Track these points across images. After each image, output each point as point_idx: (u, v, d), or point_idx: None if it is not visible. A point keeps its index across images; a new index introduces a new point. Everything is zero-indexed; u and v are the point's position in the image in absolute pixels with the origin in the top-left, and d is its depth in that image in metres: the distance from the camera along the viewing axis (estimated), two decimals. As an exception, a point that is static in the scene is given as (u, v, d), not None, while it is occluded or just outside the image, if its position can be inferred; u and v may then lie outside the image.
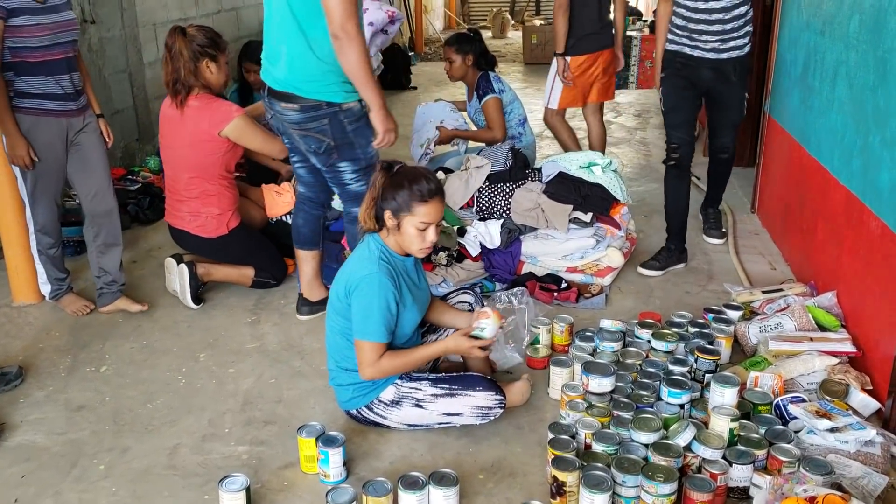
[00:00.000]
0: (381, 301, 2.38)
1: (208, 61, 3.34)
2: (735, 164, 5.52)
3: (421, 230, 2.41)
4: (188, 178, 3.42)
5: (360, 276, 2.40)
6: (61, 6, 3.16)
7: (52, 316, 3.49)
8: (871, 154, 2.85)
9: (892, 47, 2.69)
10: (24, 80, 3.10)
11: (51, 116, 3.18)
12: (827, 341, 2.83)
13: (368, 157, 3.04)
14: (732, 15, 3.64)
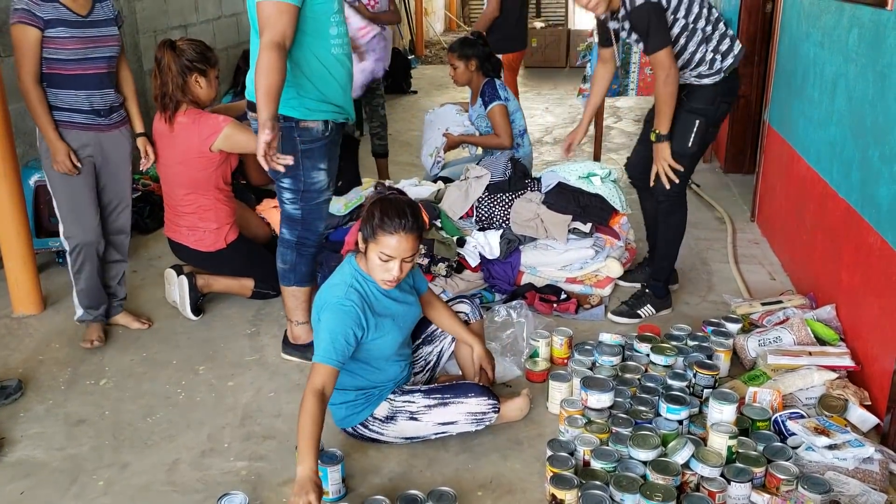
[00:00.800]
0: (340, 328, 2.34)
1: (197, 76, 3.33)
2: (734, 171, 5.62)
3: (383, 261, 2.35)
4: (183, 193, 3.42)
5: (326, 301, 2.40)
6: (104, 21, 3.11)
7: (52, 327, 3.50)
8: (869, 168, 2.85)
9: (891, 62, 2.69)
10: (55, 92, 3.06)
11: (78, 129, 3.13)
12: (826, 355, 2.83)
13: (310, 183, 2.92)
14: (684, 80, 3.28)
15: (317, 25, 2.72)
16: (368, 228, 2.35)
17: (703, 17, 3.20)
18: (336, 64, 2.82)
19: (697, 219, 4.60)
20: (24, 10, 2.93)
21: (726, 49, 3.24)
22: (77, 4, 3.03)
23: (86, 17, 3.04)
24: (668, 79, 3.12)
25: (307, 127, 2.83)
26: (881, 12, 2.77)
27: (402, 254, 2.34)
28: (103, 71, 3.13)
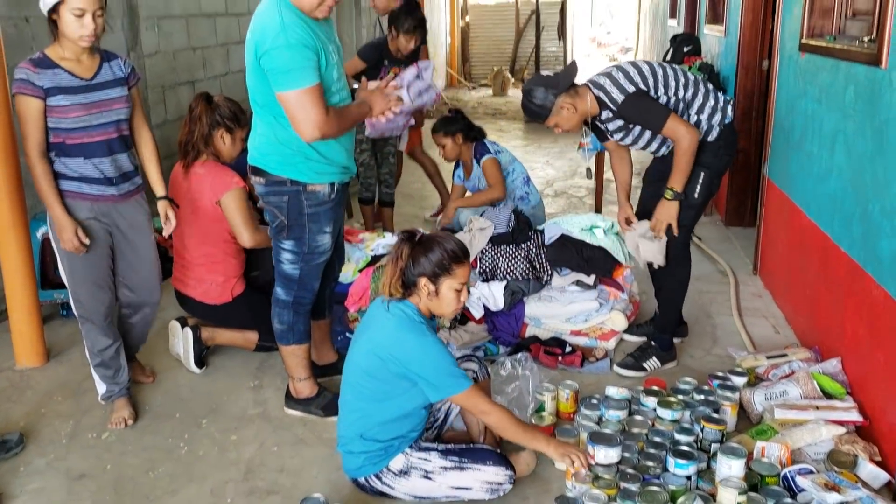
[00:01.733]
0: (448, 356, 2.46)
1: (224, 132, 3.39)
2: (735, 223, 5.65)
3: (458, 290, 2.48)
4: (193, 244, 3.44)
5: (421, 341, 2.43)
6: (112, 83, 2.92)
7: (54, 380, 3.48)
8: (871, 222, 2.88)
9: (888, 118, 2.74)
10: (63, 161, 2.87)
11: (88, 200, 2.92)
12: (833, 410, 2.82)
13: (314, 247, 2.94)
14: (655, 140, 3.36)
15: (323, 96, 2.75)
16: (437, 267, 2.46)
17: (680, 87, 3.27)
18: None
19: (700, 271, 4.60)
20: (24, 80, 2.77)
21: (712, 107, 3.29)
22: (81, 67, 2.85)
23: (90, 80, 2.85)
24: (691, 139, 3.17)
25: (314, 190, 2.86)
26: (876, 70, 2.83)
27: (468, 278, 2.53)
28: (112, 136, 2.92)
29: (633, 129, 3.33)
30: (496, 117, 11.69)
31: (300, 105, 2.63)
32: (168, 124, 5.53)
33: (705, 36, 7.02)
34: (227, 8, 6.39)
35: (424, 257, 2.46)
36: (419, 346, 2.43)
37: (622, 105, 3.21)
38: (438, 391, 2.44)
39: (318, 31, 2.72)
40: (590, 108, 3.28)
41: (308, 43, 2.61)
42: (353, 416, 2.55)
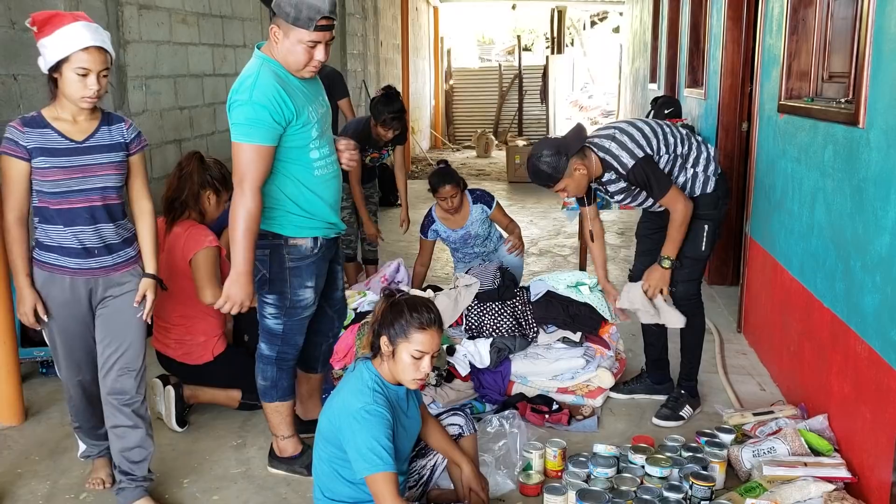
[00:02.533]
0: (380, 432, 2.31)
1: (211, 193, 3.44)
2: (718, 282, 5.69)
3: (416, 358, 2.36)
4: (171, 304, 3.40)
5: (357, 408, 2.34)
6: (104, 147, 2.64)
7: (32, 439, 3.41)
8: (853, 278, 2.91)
9: (866, 177, 2.80)
10: (44, 228, 2.65)
11: (66, 275, 2.65)
12: (821, 466, 2.80)
13: (296, 301, 2.91)
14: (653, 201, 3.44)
15: (296, 154, 2.77)
16: (397, 328, 2.36)
17: (678, 143, 3.39)
18: (321, 185, 2.86)
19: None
20: (9, 139, 2.58)
21: (706, 158, 3.42)
22: (75, 129, 2.62)
23: (81, 142, 2.61)
24: (686, 212, 3.30)
25: (296, 244, 2.85)
26: (854, 129, 2.90)
27: (433, 348, 2.39)
28: (96, 204, 2.64)
29: (634, 191, 3.39)
30: (480, 178, 11.84)
31: (241, 157, 2.64)
32: (153, 182, 5.52)
33: (685, 98, 7.19)
34: (214, 69, 6.48)
35: (391, 316, 2.40)
36: (355, 412, 2.33)
37: (632, 170, 3.27)
38: (358, 466, 2.30)
39: (299, 90, 2.75)
40: (595, 170, 3.32)
41: (272, 106, 2.63)
42: (320, 478, 2.50)
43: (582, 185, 3.36)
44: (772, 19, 4.17)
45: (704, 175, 3.39)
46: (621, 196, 3.45)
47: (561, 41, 16.24)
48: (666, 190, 3.28)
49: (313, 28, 2.61)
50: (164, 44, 5.63)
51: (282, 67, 2.71)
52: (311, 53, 2.67)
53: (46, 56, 2.52)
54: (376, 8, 11.44)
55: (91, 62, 2.52)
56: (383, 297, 2.48)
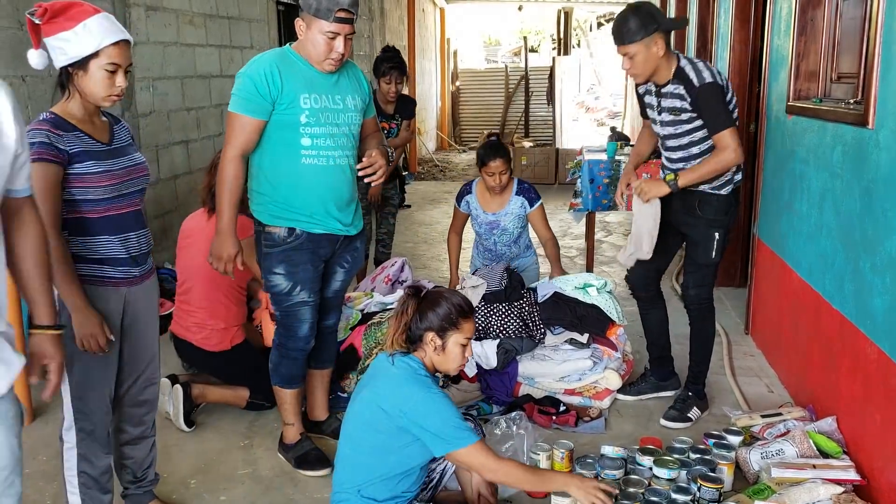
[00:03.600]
0: (455, 410, 2.41)
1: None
2: (726, 284, 5.66)
3: (463, 346, 2.48)
4: (201, 287, 3.46)
5: (423, 396, 2.39)
6: (129, 148, 2.49)
7: (40, 439, 3.42)
8: (862, 279, 2.90)
9: (875, 178, 2.79)
10: (82, 241, 2.37)
11: (109, 286, 2.42)
12: (830, 468, 2.79)
13: (270, 286, 3.03)
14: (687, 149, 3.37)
15: (285, 135, 2.88)
16: (445, 321, 2.46)
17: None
18: (309, 173, 2.91)
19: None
20: (45, 143, 2.28)
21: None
22: (97, 130, 2.42)
23: (110, 144, 2.42)
24: (735, 159, 3.18)
25: (271, 232, 2.98)
26: (863, 130, 2.89)
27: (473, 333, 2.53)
28: (138, 208, 2.48)
29: (681, 116, 3.27)
30: (487, 179, 11.82)
31: (228, 124, 2.90)
32: (161, 183, 5.56)
33: (692, 100, 7.15)
34: (221, 70, 6.49)
35: (432, 312, 2.47)
36: (425, 399, 2.40)
37: (703, 87, 3.17)
38: (445, 444, 2.37)
39: (305, 77, 2.88)
40: (667, 70, 3.25)
41: (260, 80, 2.80)
42: (351, 470, 2.49)
43: (648, 65, 3.23)
44: (780, 20, 4.16)
45: (730, 176, 3.37)
46: (667, 115, 3.31)
47: (568, 42, 16.22)
48: (727, 125, 3.16)
49: (332, 19, 2.77)
50: (172, 45, 5.65)
51: (295, 54, 2.90)
52: (330, 45, 2.81)
53: (68, 50, 2.28)
54: (382, 9, 11.45)
55: (121, 57, 2.34)
56: (410, 294, 2.51)
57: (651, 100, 3.43)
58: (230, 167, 2.86)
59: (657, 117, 3.40)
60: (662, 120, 3.37)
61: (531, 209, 4.35)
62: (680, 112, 3.28)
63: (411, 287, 2.57)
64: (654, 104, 3.39)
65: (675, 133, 3.35)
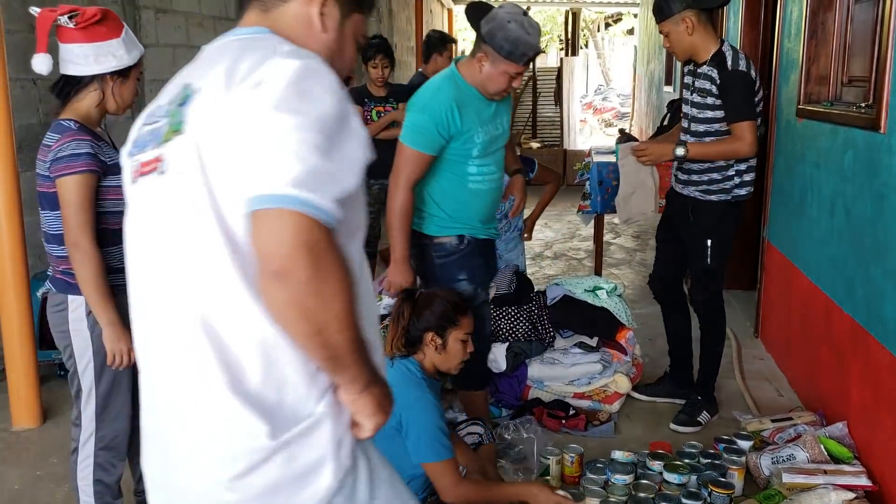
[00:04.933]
0: (440, 420, 2.42)
1: None
2: (735, 287, 5.62)
3: (464, 342, 2.51)
4: None
5: (415, 396, 2.41)
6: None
7: (51, 441, 3.43)
8: (873, 285, 2.89)
9: (887, 182, 2.78)
10: (105, 251, 2.31)
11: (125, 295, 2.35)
12: (842, 474, 2.78)
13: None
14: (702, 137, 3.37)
15: (454, 166, 2.90)
16: (443, 319, 2.50)
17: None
18: (472, 197, 2.96)
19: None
20: (90, 153, 2.25)
21: (749, 176, 3.37)
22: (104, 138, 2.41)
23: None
24: (748, 151, 3.23)
25: (441, 242, 2.96)
26: (875, 135, 2.88)
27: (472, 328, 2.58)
28: None
29: (707, 99, 3.30)
30: (494, 180, 11.81)
31: (400, 154, 2.86)
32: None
33: (701, 102, 7.14)
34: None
35: (428, 311, 2.52)
36: (415, 400, 2.43)
37: (734, 73, 3.21)
38: (417, 452, 2.40)
39: (476, 111, 2.86)
40: (705, 51, 3.29)
41: (441, 120, 2.77)
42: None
43: (682, 43, 3.30)
44: (790, 23, 4.15)
45: (739, 181, 3.36)
46: (692, 95, 3.38)
47: (575, 43, 16.21)
48: (746, 117, 3.20)
49: (523, 63, 2.78)
50: (181, 47, 5.67)
51: (464, 82, 2.84)
52: (510, 81, 2.83)
53: (120, 57, 2.29)
54: (391, 11, 11.46)
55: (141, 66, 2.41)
56: (404, 297, 2.54)
57: (688, 79, 3.48)
58: (402, 197, 2.83)
59: (689, 96, 3.45)
60: (693, 101, 3.41)
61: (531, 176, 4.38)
62: (706, 95, 3.31)
63: (405, 290, 2.61)
64: (690, 83, 3.44)
65: (697, 116, 3.38)
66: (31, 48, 4.17)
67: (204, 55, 1.43)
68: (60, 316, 2.38)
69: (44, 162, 2.31)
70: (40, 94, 4.27)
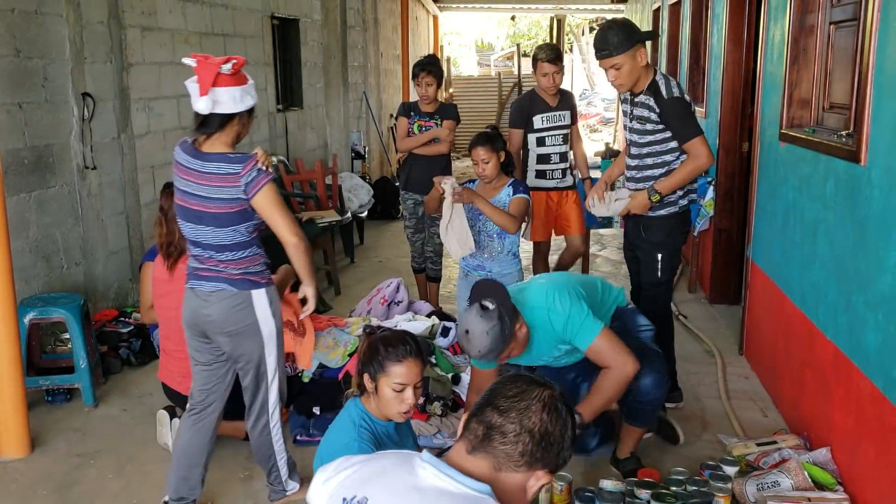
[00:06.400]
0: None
1: None
2: (719, 301, 5.69)
3: (398, 391, 2.39)
4: (177, 338, 3.41)
5: (341, 445, 2.36)
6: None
7: (39, 471, 3.42)
8: (855, 313, 2.93)
9: (868, 214, 2.82)
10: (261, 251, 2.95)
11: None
12: (825, 501, 2.83)
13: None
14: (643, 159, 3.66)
15: None
16: (375, 365, 2.40)
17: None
18: None
19: (687, 352, 4.64)
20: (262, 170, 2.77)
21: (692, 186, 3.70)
22: None
23: None
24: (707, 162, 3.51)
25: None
26: (856, 167, 2.92)
27: (414, 379, 2.40)
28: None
29: (646, 126, 3.58)
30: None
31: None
32: (156, 203, 5.54)
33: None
34: (217, 87, 6.50)
35: (370, 353, 2.44)
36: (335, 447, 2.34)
37: (671, 100, 3.48)
38: None
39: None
40: (644, 80, 3.55)
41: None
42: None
43: (630, 78, 3.53)
44: (773, 46, 4.20)
45: (682, 192, 3.64)
46: (636, 124, 3.63)
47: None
48: (694, 135, 3.47)
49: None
50: (167, 64, 5.65)
51: None
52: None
53: (253, 97, 2.77)
54: (376, 19, 11.47)
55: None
56: (364, 335, 2.53)
57: (626, 107, 3.73)
58: None
59: (629, 124, 3.72)
60: (632, 127, 3.69)
61: (512, 196, 4.12)
62: (645, 122, 3.60)
63: (367, 327, 2.59)
64: (628, 111, 3.70)
65: (638, 141, 3.67)
66: (17, 73, 4.17)
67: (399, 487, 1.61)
68: (246, 312, 2.82)
69: (237, 187, 2.71)
70: (26, 117, 4.25)
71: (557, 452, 1.64)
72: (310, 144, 8.71)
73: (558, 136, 5.04)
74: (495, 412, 1.65)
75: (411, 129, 5.24)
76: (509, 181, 4.24)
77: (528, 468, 1.62)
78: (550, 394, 1.68)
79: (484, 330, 2.73)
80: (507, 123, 5.31)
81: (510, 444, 1.62)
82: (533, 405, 1.65)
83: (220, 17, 6.45)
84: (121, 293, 5.15)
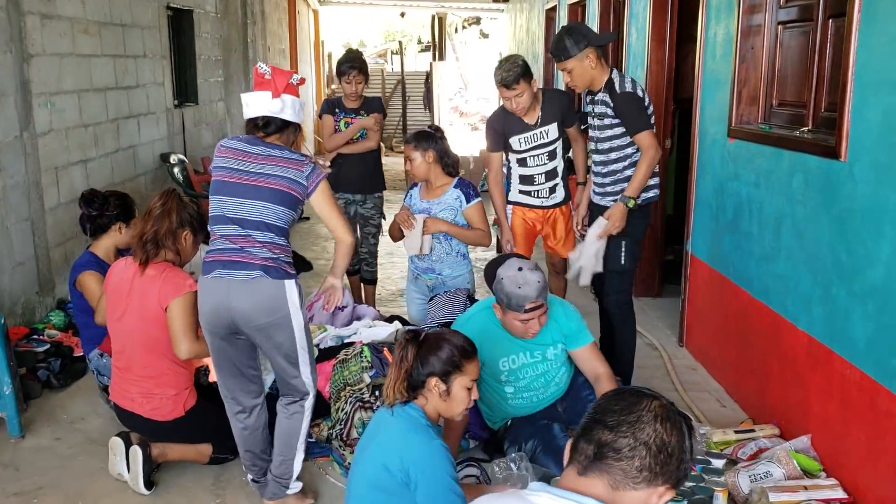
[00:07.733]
0: (450, 468, 2.29)
1: (189, 232, 3.19)
2: (644, 294, 5.81)
3: (469, 389, 2.42)
4: (139, 354, 3.12)
5: (420, 448, 2.28)
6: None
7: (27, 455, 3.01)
8: (835, 304, 3.02)
9: (850, 208, 2.92)
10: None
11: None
12: (820, 488, 2.90)
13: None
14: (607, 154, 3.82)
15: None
16: (448, 365, 2.39)
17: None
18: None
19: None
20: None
21: (654, 181, 3.82)
22: None
23: None
24: (656, 156, 3.67)
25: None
26: (833, 162, 3.01)
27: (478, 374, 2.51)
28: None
29: (605, 121, 3.75)
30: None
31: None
32: (61, 208, 5.06)
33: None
34: (116, 81, 6.01)
35: (434, 356, 2.40)
36: (423, 451, 2.30)
37: (623, 95, 3.64)
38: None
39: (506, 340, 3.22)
40: (601, 80, 3.72)
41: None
42: None
43: (584, 79, 3.72)
44: (714, 45, 4.30)
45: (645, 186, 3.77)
46: (595, 121, 3.81)
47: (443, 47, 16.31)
48: (644, 128, 3.64)
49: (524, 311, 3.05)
50: (67, 56, 5.18)
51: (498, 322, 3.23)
52: (526, 326, 3.12)
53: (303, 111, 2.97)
54: (263, 12, 11.05)
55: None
56: (409, 339, 2.43)
57: (588, 107, 3.91)
58: None
59: (591, 121, 3.89)
60: (594, 124, 3.86)
61: (467, 205, 4.02)
62: (604, 117, 3.77)
63: (410, 331, 2.49)
64: (591, 110, 3.88)
65: (600, 136, 3.83)
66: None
67: None
68: (281, 299, 2.78)
69: (301, 171, 2.82)
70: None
71: (678, 465, 1.56)
72: (206, 142, 8.26)
73: (542, 154, 4.35)
74: (604, 429, 1.56)
75: (338, 127, 5.04)
76: (453, 182, 4.11)
77: (648, 485, 1.54)
78: (660, 403, 1.60)
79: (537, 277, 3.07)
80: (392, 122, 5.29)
81: (625, 459, 1.53)
82: (644, 416, 1.57)
83: (118, 4, 5.97)
84: (28, 308, 4.65)
